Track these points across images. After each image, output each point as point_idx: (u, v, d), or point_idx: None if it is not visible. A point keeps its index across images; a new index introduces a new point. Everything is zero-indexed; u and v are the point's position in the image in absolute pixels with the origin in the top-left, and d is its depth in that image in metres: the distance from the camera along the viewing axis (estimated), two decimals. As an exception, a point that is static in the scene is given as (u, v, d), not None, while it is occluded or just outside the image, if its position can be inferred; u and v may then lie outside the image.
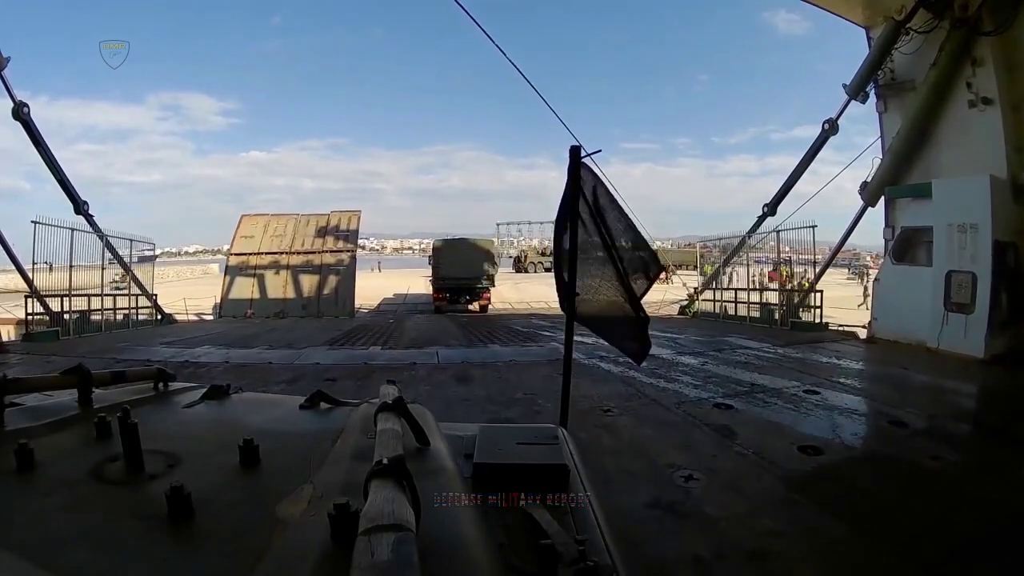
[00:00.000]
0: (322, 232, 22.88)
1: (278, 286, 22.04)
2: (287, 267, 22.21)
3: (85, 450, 1.04)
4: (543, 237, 53.43)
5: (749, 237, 17.13)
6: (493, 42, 6.12)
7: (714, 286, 19.47)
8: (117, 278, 44.76)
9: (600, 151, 3.28)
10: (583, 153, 2.97)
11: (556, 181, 3.03)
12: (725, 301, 17.99)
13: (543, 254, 47.29)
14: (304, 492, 0.88)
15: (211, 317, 21.70)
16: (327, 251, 22.27)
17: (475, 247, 23.36)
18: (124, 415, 0.98)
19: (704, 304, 19.70)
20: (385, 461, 0.76)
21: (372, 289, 28.88)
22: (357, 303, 24.76)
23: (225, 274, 23.04)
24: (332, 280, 21.71)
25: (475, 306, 22.09)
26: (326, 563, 0.66)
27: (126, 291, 19.38)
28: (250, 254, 22.88)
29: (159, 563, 0.73)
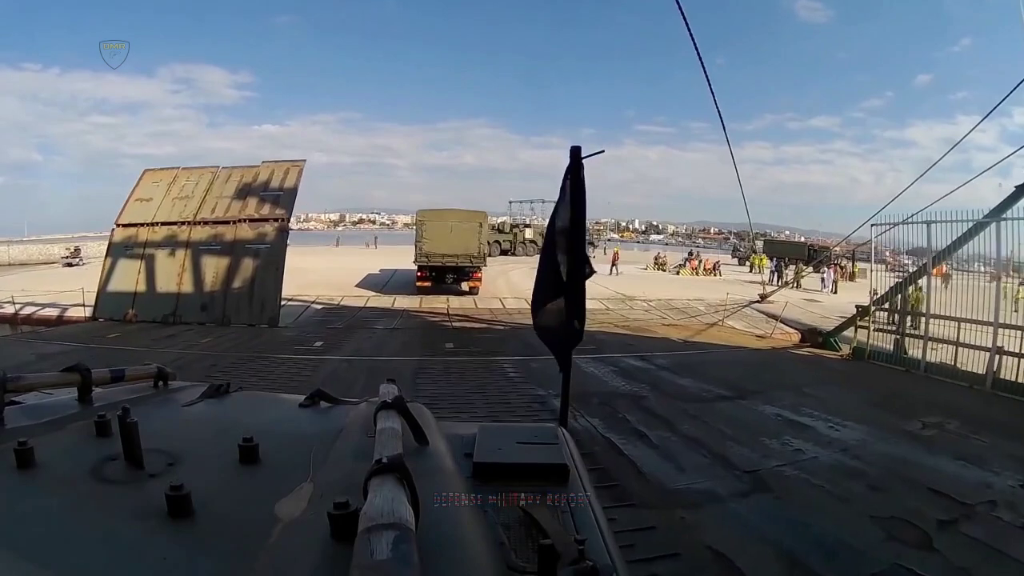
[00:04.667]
0: (244, 192, 14.52)
1: (171, 274, 13.85)
2: (186, 245, 13.99)
3: (85, 449, 0.98)
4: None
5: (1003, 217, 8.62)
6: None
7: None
8: (68, 252, 36.39)
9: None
10: (584, 153, 2.27)
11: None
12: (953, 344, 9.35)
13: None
14: (304, 491, 0.85)
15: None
16: (244, 220, 13.94)
17: (465, 219, 18.49)
18: (124, 414, 0.94)
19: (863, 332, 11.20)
20: (385, 460, 0.72)
21: (352, 272, 22.89)
22: (317, 292, 17.47)
23: (107, 255, 14.94)
24: (248, 266, 13.40)
25: (465, 286, 18.52)
26: (326, 562, 0.64)
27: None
28: (141, 225, 14.74)
29: (159, 562, 0.70)
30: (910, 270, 11.03)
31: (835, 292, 22.77)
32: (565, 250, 2.28)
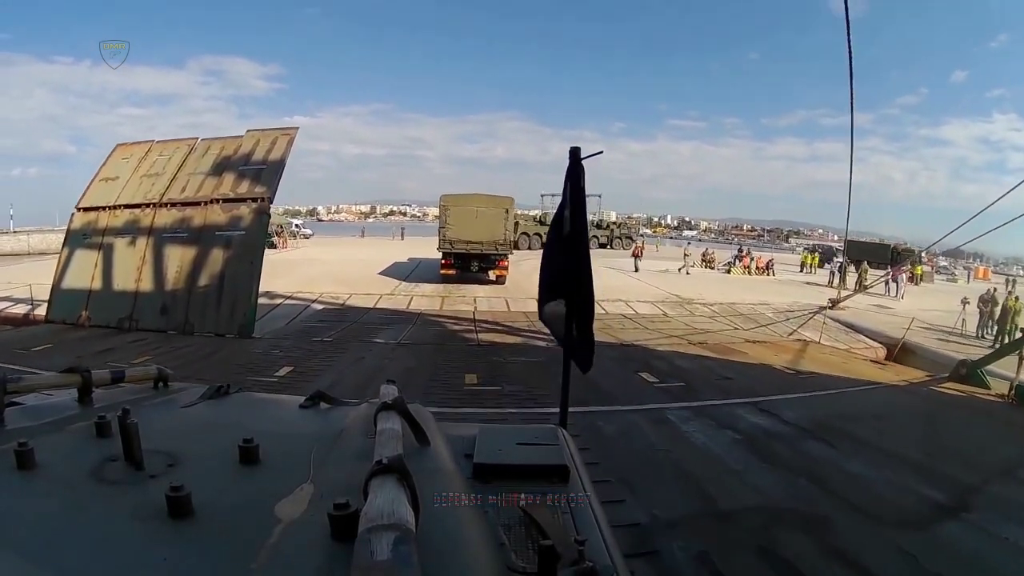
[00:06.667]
0: (222, 167, 11.55)
1: (130, 267, 11.03)
2: (148, 232, 11.12)
3: (85, 450, 0.95)
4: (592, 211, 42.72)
5: None
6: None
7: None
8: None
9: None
10: (584, 154, 2.34)
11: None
12: None
13: (598, 226, 37.62)
14: (304, 492, 0.83)
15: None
16: (218, 200, 10.96)
17: (491, 204, 16.63)
18: (124, 415, 0.91)
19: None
20: (385, 461, 0.71)
21: (370, 264, 20.89)
22: (323, 289, 14.98)
23: (64, 244, 12.25)
24: (218, 257, 10.44)
25: (492, 275, 17.30)
26: (326, 563, 0.63)
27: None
28: (102, 209, 11.97)
29: (159, 563, 0.68)
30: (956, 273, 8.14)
31: (902, 298, 19.16)
32: (569, 255, 2.09)
